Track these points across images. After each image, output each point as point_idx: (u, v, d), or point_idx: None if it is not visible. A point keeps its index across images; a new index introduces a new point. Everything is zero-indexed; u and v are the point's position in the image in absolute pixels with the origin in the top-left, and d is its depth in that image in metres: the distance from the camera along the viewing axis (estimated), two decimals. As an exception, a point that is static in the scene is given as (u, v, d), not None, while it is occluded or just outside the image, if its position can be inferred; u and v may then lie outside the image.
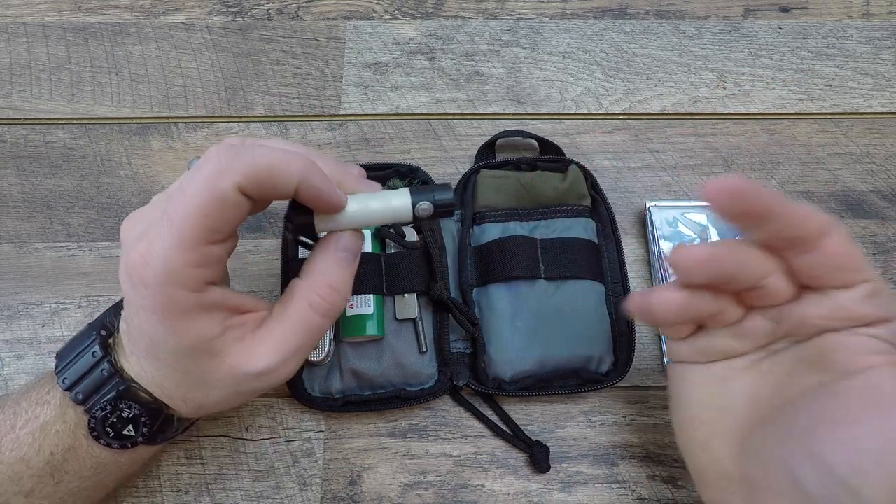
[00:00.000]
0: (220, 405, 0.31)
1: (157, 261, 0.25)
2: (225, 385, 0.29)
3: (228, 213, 0.26)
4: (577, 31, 0.50)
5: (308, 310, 0.29)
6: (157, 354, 0.28)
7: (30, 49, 0.49)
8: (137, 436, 0.30)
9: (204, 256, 0.26)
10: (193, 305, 0.27)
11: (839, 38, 0.50)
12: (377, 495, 0.38)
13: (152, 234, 0.26)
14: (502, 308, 0.39)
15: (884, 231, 0.44)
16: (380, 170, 0.43)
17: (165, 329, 0.27)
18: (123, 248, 0.28)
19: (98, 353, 0.30)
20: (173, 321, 0.27)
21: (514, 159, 0.43)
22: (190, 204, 0.25)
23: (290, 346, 0.29)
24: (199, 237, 0.25)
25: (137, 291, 0.26)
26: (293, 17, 0.50)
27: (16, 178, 0.45)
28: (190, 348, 0.27)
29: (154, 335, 0.27)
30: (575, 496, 0.38)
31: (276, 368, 0.29)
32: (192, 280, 0.26)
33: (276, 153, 0.26)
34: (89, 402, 0.29)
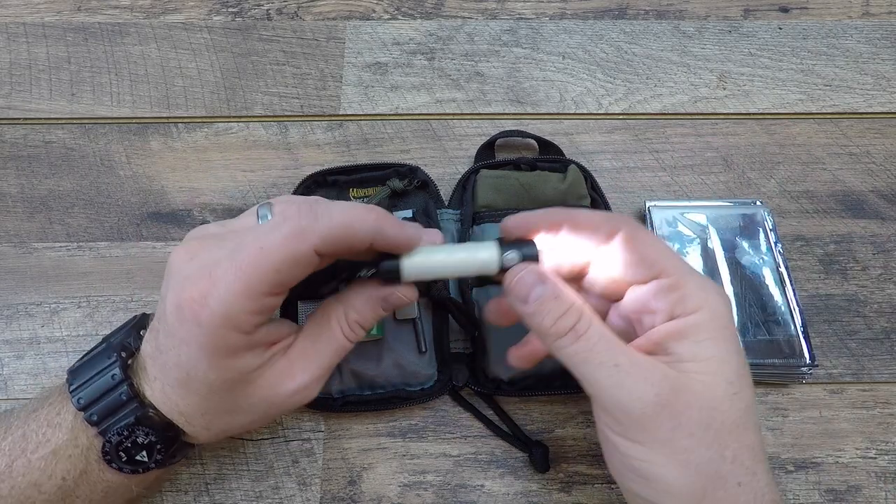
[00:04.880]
0: (242, 429, 0.31)
1: (218, 304, 0.26)
2: (255, 410, 0.30)
3: (300, 272, 0.27)
4: (577, 31, 0.50)
5: (342, 338, 0.31)
6: (190, 386, 0.28)
7: (29, 49, 0.49)
8: (151, 462, 0.30)
9: (264, 306, 0.27)
10: (241, 346, 0.27)
11: (839, 38, 0.50)
12: (376, 495, 0.38)
13: (216, 275, 0.26)
14: (502, 308, 0.39)
15: (884, 231, 0.44)
16: (379, 170, 0.43)
17: (208, 365, 0.27)
18: (175, 278, 0.27)
19: (118, 376, 0.29)
20: (219, 359, 0.27)
21: (514, 159, 0.43)
22: (266, 259, 0.26)
23: (324, 364, 0.30)
24: (265, 290, 0.26)
25: (186, 327, 0.26)
26: (293, 17, 0.50)
27: (15, 178, 0.45)
28: (230, 382, 0.28)
29: (194, 369, 0.27)
30: (575, 496, 0.38)
31: (308, 385, 0.30)
32: (247, 325, 0.27)
33: (351, 212, 0.27)
34: (104, 423, 0.29)
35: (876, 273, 0.43)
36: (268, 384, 0.29)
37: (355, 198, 0.43)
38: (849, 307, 0.42)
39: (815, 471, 0.38)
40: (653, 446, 0.26)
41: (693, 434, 0.25)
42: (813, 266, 0.43)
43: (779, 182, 0.45)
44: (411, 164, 0.43)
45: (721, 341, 0.27)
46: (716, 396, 0.26)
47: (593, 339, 0.27)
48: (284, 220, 0.27)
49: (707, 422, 0.26)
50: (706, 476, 0.25)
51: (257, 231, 0.27)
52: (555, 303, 0.28)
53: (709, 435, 0.26)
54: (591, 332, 0.27)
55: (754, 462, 0.26)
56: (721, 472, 0.26)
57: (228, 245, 0.27)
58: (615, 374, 0.26)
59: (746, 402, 0.27)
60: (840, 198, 0.45)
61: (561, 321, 0.27)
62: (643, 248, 0.29)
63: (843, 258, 0.43)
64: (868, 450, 0.38)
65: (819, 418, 0.39)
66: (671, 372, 0.26)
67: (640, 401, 0.26)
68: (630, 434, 0.26)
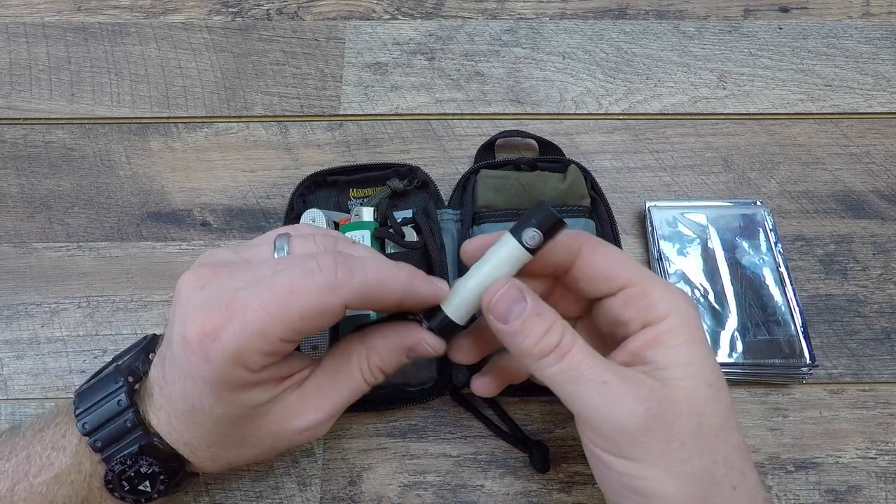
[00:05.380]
0: (249, 461, 0.30)
1: (231, 341, 0.25)
2: (262, 443, 0.29)
3: (323, 323, 0.26)
4: (577, 31, 0.50)
5: (361, 380, 0.29)
6: (195, 418, 0.27)
7: (29, 49, 0.49)
8: (153, 492, 0.29)
9: (278, 349, 0.26)
10: (250, 382, 0.26)
11: (839, 38, 0.50)
12: (376, 495, 0.38)
13: (233, 309, 0.25)
14: (502, 308, 0.39)
15: (884, 231, 0.44)
16: (379, 170, 0.43)
17: (214, 400, 0.26)
18: (183, 307, 0.26)
19: (124, 402, 0.28)
20: (225, 394, 0.26)
21: (514, 159, 0.43)
22: (295, 303, 0.25)
23: (338, 403, 0.29)
24: (283, 335, 0.25)
25: (192, 360, 0.25)
26: (293, 17, 0.50)
27: (15, 178, 0.45)
28: (237, 417, 0.27)
29: (199, 402, 0.26)
30: (575, 496, 0.38)
31: (320, 423, 0.29)
32: (257, 365, 0.26)
33: (385, 269, 0.27)
34: (108, 450, 0.28)
35: (876, 273, 0.43)
36: (277, 418, 0.28)
37: (355, 198, 0.43)
38: (849, 307, 0.42)
39: (815, 471, 0.38)
40: (647, 462, 0.25)
41: (685, 443, 0.25)
42: (813, 266, 0.43)
43: (779, 182, 0.45)
44: (411, 164, 0.43)
45: (695, 344, 0.27)
46: (699, 401, 0.26)
47: (577, 357, 0.26)
48: (320, 269, 0.25)
49: (696, 429, 0.25)
50: (703, 485, 0.25)
51: (289, 272, 0.26)
52: (537, 321, 0.27)
53: (699, 442, 0.25)
54: (575, 349, 0.26)
55: (743, 463, 0.26)
56: (716, 478, 0.25)
57: (242, 276, 0.26)
58: (604, 392, 0.25)
59: (726, 401, 0.27)
60: (840, 198, 0.45)
61: (544, 340, 0.26)
62: (604, 261, 0.29)
63: (844, 258, 0.43)
64: (868, 450, 0.38)
65: (819, 418, 0.39)
66: (655, 383, 0.26)
67: (632, 416, 0.25)
68: (623, 452, 0.26)
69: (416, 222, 0.40)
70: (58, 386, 0.40)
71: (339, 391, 0.29)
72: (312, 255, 0.27)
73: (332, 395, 0.29)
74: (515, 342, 0.27)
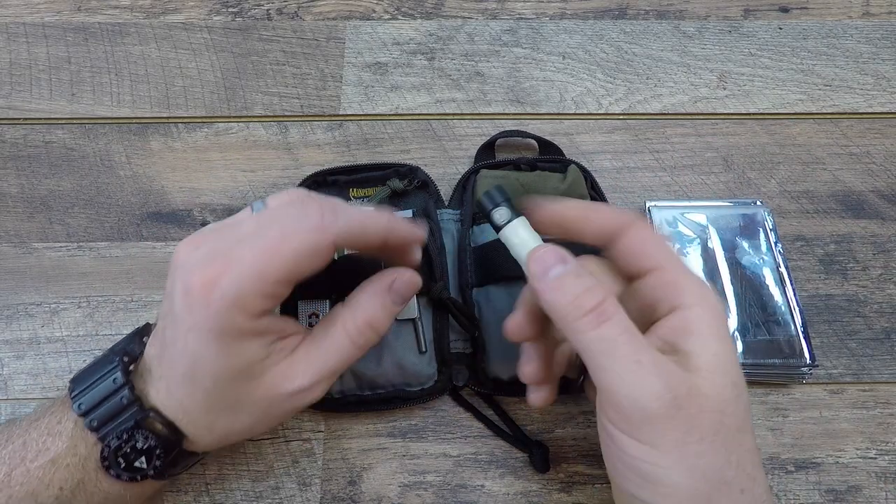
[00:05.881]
0: (243, 432, 0.31)
1: (230, 284, 0.26)
2: (257, 408, 0.29)
3: (316, 263, 0.28)
4: (577, 31, 0.50)
5: (346, 339, 0.30)
6: (196, 378, 0.28)
7: (30, 49, 0.49)
8: (149, 469, 0.29)
9: (275, 292, 0.27)
10: (248, 330, 0.27)
11: (839, 38, 0.50)
12: (377, 495, 0.38)
13: (232, 256, 0.26)
14: (502, 308, 0.39)
15: (884, 231, 0.44)
16: (380, 170, 0.43)
17: (216, 350, 0.27)
18: (182, 268, 0.27)
19: (119, 380, 0.29)
20: (226, 343, 0.27)
21: (514, 159, 0.43)
22: (288, 245, 0.27)
23: (325, 368, 0.30)
24: (280, 276, 0.27)
25: (195, 311, 0.26)
26: (293, 17, 0.50)
27: (15, 178, 0.45)
28: (235, 371, 0.28)
29: (200, 356, 0.27)
30: (575, 496, 0.38)
31: (309, 388, 0.29)
32: (256, 308, 0.27)
33: (366, 212, 0.29)
34: (104, 429, 0.29)
35: (876, 273, 0.43)
36: (270, 382, 0.29)
37: (355, 198, 0.43)
38: (849, 307, 0.42)
39: (815, 471, 0.38)
40: (662, 449, 0.25)
41: (704, 438, 0.25)
42: (813, 266, 0.43)
43: (779, 182, 0.45)
44: (411, 164, 0.43)
45: (723, 339, 0.27)
46: (724, 399, 0.26)
47: (616, 328, 0.26)
48: (306, 217, 0.27)
49: (716, 426, 0.25)
50: (712, 482, 0.25)
51: (279, 221, 0.28)
52: (575, 280, 0.27)
53: (718, 440, 0.25)
54: (615, 320, 0.26)
55: (754, 468, 0.26)
56: (726, 479, 0.25)
57: (234, 234, 0.28)
58: (636, 371, 0.25)
59: (746, 403, 0.27)
60: (840, 198, 0.45)
61: (582, 298, 0.26)
62: (643, 241, 0.29)
63: (844, 258, 0.43)
64: (868, 450, 0.38)
65: (819, 418, 0.39)
66: (686, 374, 0.26)
67: (658, 400, 0.25)
68: (639, 434, 0.26)
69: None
70: (58, 386, 0.40)
71: (326, 355, 0.30)
72: (295, 203, 0.29)
73: (318, 360, 0.30)
74: (552, 299, 0.27)
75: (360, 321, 0.30)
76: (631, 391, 0.25)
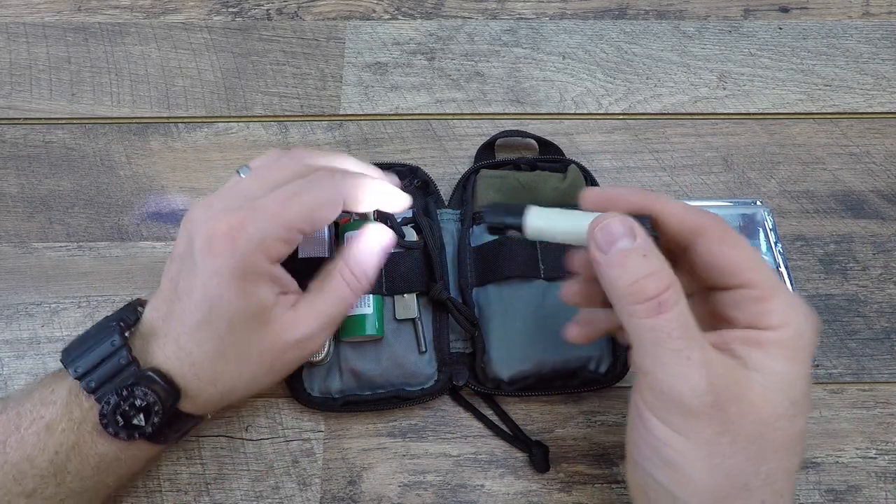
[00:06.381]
0: (246, 386, 0.32)
1: (255, 229, 0.29)
2: (263, 357, 0.31)
3: (329, 214, 0.31)
4: (577, 31, 0.50)
5: (344, 286, 0.33)
6: (213, 321, 0.29)
7: (30, 49, 0.49)
8: (147, 426, 0.30)
9: (292, 238, 0.31)
10: (265, 273, 0.30)
11: (839, 38, 0.50)
12: (377, 495, 0.38)
13: (253, 208, 0.30)
14: (502, 308, 0.39)
15: (884, 231, 0.44)
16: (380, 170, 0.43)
17: (235, 291, 0.29)
18: (203, 222, 0.30)
19: (118, 342, 0.30)
20: (246, 284, 0.29)
21: (514, 159, 0.43)
22: (306, 200, 0.31)
23: (327, 315, 0.32)
24: (298, 225, 0.30)
25: (219, 256, 0.29)
26: (293, 17, 0.50)
27: (16, 178, 0.45)
28: (250, 314, 0.30)
29: (220, 299, 0.29)
30: (575, 496, 0.38)
31: (311, 336, 0.32)
32: (274, 252, 0.30)
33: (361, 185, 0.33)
34: (102, 389, 0.29)
35: (876, 273, 0.43)
36: (277, 329, 0.31)
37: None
38: (849, 307, 0.42)
39: (815, 471, 0.38)
40: (692, 441, 0.25)
41: (736, 442, 0.25)
42: (813, 266, 0.43)
43: (779, 182, 0.45)
44: (411, 164, 0.43)
45: (795, 361, 0.26)
46: (773, 414, 0.25)
47: (674, 323, 0.25)
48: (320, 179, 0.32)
49: (755, 436, 0.25)
50: (733, 484, 0.25)
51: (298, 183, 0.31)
52: (641, 260, 0.25)
53: (752, 448, 0.25)
54: (675, 312, 0.25)
55: (785, 486, 0.26)
56: (749, 486, 0.25)
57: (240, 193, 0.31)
58: (684, 365, 0.24)
59: (800, 427, 0.26)
60: (840, 198, 0.45)
61: (644, 282, 0.25)
62: (731, 253, 0.27)
63: (844, 258, 0.43)
64: (868, 450, 0.38)
65: (819, 418, 0.39)
66: (738, 378, 0.25)
67: (698, 398, 0.24)
68: (672, 422, 0.25)
69: (416, 222, 0.41)
70: (58, 386, 0.40)
71: (326, 302, 0.32)
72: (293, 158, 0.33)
73: (321, 306, 0.32)
74: (611, 276, 0.26)
75: (357, 269, 0.33)
76: (674, 383, 0.25)
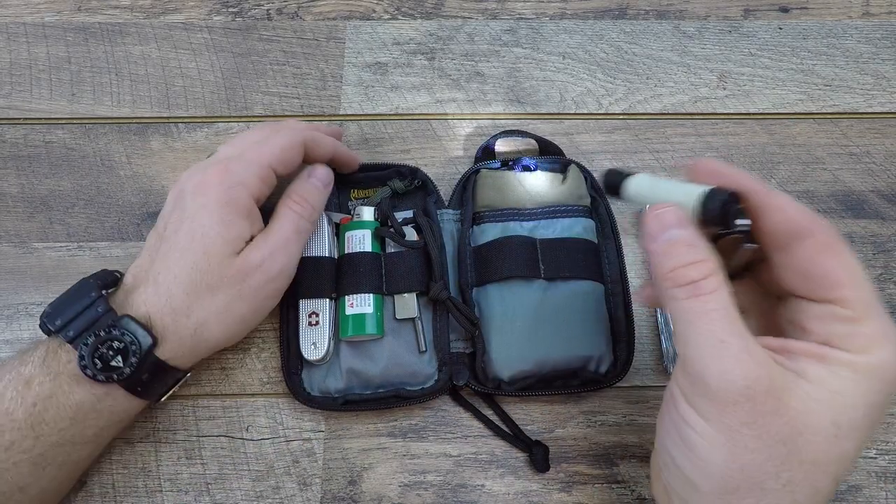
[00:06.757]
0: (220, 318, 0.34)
1: (239, 169, 0.35)
2: (232, 282, 0.34)
3: (295, 156, 0.37)
4: (577, 31, 0.50)
5: (289, 210, 0.37)
6: (192, 248, 0.33)
7: (30, 49, 0.49)
8: (125, 366, 0.31)
9: (269, 177, 0.36)
10: (246, 208, 0.35)
11: (839, 38, 0.50)
12: (377, 495, 0.38)
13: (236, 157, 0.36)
14: (502, 308, 0.39)
15: (884, 231, 0.44)
16: (380, 170, 0.43)
17: (218, 219, 0.33)
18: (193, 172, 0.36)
19: (94, 295, 0.32)
20: (229, 214, 0.34)
21: (514, 159, 0.43)
22: (277, 144, 0.37)
23: (280, 235, 0.36)
24: (272, 164, 0.36)
25: (208, 191, 0.34)
26: (293, 17, 0.50)
27: (16, 178, 0.45)
28: (227, 240, 0.34)
29: (203, 227, 0.33)
30: (575, 496, 0.38)
31: (273, 254, 0.35)
32: (255, 190, 0.35)
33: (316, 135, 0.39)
34: (80, 338, 0.31)
35: (876, 273, 0.43)
36: (243, 257, 0.34)
37: (356, 198, 0.43)
38: (849, 307, 0.42)
39: (815, 471, 0.38)
40: (713, 425, 0.24)
41: (761, 437, 0.24)
42: (813, 266, 0.43)
43: (779, 182, 0.45)
44: (411, 164, 0.43)
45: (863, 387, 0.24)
46: (809, 426, 0.24)
47: (711, 304, 0.25)
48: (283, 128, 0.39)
49: (785, 438, 0.24)
50: (748, 479, 0.24)
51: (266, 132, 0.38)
52: (686, 249, 0.26)
53: (777, 449, 0.24)
54: (713, 297, 0.25)
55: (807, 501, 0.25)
56: (765, 487, 0.24)
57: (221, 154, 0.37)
58: (717, 348, 0.24)
59: (844, 450, 0.24)
60: (840, 198, 0.45)
61: (684, 270, 0.25)
62: (832, 263, 0.25)
63: (843, 258, 0.43)
64: (868, 450, 0.38)
65: (819, 418, 0.39)
66: (779, 376, 0.24)
67: (727, 384, 0.24)
68: (698, 405, 0.25)
69: (417, 222, 0.41)
70: (58, 386, 0.40)
71: (277, 227, 0.36)
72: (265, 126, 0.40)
73: (273, 232, 0.36)
74: (659, 261, 0.26)
75: (297, 196, 0.37)
76: (705, 364, 0.24)
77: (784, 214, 0.26)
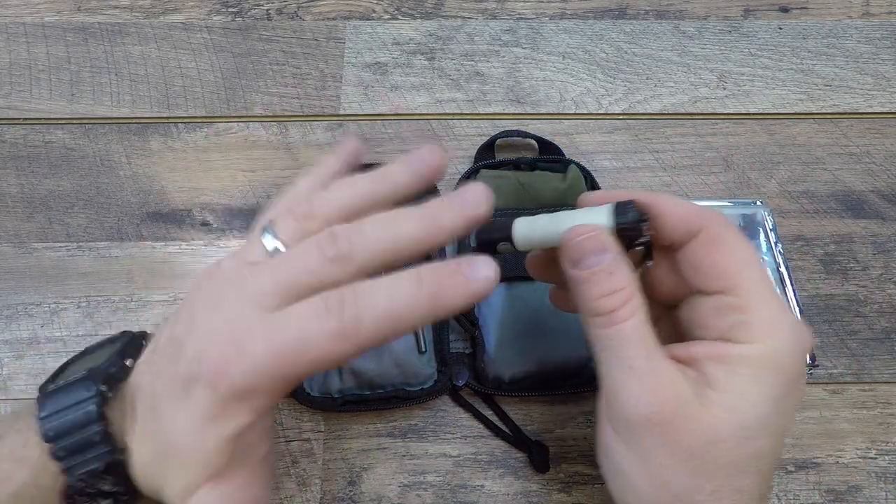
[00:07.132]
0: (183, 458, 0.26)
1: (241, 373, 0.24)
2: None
3: (333, 366, 0.26)
4: (577, 31, 0.50)
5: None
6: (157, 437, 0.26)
7: (29, 49, 0.49)
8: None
9: (282, 389, 0.25)
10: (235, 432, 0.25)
11: (839, 38, 0.50)
12: (376, 495, 0.38)
13: (247, 350, 0.24)
14: (502, 308, 0.39)
15: (884, 231, 0.44)
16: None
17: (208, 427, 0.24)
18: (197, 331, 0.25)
19: (93, 414, 0.26)
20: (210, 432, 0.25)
21: (514, 159, 0.43)
22: (303, 359, 0.24)
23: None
24: (290, 379, 0.24)
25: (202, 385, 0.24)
26: (293, 17, 0.50)
27: (15, 178, 0.45)
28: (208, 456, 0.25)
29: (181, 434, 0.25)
30: (575, 496, 0.38)
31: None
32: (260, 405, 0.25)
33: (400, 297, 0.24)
34: (70, 461, 0.26)
35: (876, 273, 0.43)
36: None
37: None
38: (849, 307, 0.42)
39: (815, 471, 0.38)
40: (632, 449, 0.26)
41: (675, 456, 0.25)
42: (813, 266, 0.43)
43: (779, 182, 0.45)
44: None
45: (762, 383, 0.24)
46: (718, 434, 0.24)
47: (626, 330, 0.25)
48: (328, 311, 0.23)
49: (700, 452, 0.24)
50: (675, 495, 0.25)
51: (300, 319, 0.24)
52: (606, 279, 0.26)
53: (692, 463, 0.24)
54: (628, 324, 0.25)
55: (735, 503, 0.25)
56: (694, 500, 0.25)
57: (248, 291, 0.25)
58: (626, 374, 0.25)
59: (757, 448, 0.25)
60: (840, 198, 0.45)
61: (604, 301, 0.25)
62: (721, 252, 0.26)
63: (844, 258, 0.43)
64: (868, 450, 0.38)
65: (819, 418, 0.39)
66: (686, 391, 0.25)
67: (634, 409, 0.25)
68: (617, 429, 0.26)
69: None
70: (58, 386, 0.40)
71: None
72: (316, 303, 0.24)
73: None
74: (580, 290, 0.26)
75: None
76: (615, 390, 0.26)
77: (678, 217, 0.27)
